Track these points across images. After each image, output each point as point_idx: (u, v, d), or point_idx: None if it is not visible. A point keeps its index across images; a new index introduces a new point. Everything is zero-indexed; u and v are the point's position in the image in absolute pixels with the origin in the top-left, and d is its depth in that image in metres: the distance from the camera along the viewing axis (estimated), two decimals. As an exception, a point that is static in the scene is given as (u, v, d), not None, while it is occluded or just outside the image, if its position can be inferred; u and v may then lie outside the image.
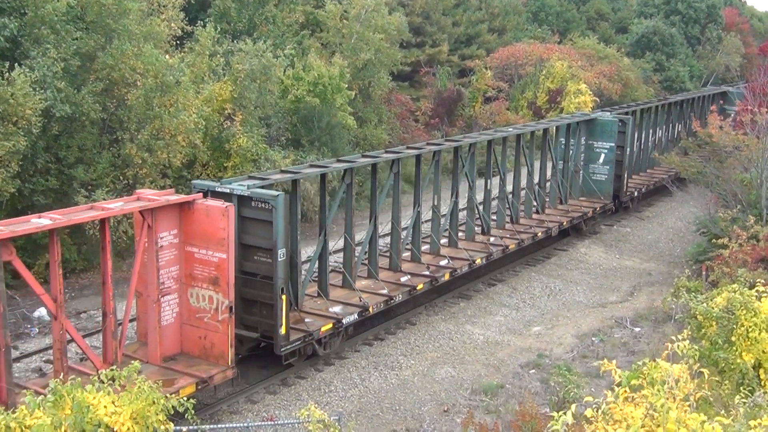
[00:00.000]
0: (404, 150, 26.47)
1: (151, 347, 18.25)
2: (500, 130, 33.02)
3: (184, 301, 18.58)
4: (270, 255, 19.35)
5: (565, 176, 35.13)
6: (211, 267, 18.03)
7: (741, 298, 14.94)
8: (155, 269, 17.90)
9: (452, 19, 59.72)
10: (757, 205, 29.11)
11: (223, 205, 17.94)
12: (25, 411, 10.50)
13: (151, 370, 17.44)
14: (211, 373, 17.82)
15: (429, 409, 19.72)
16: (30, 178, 26.02)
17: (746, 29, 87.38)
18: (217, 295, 18.04)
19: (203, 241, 18.00)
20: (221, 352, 18.19)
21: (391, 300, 23.18)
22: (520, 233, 30.14)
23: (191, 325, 18.58)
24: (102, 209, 16.85)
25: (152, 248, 17.76)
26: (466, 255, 26.95)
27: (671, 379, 10.28)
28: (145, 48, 27.38)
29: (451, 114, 52.06)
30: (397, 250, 25.52)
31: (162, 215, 17.83)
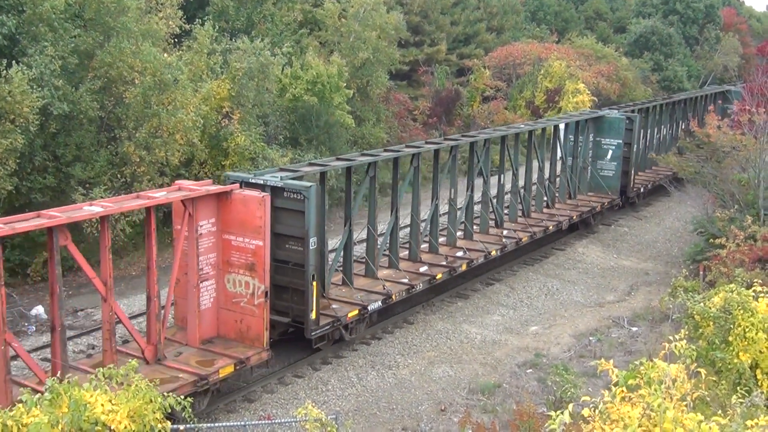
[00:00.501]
0: (424, 145, 27.61)
1: (191, 330, 19.29)
2: (513, 126, 34.65)
3: (221, 287, 19.57)
4: (301, 243, 20.30)
5: (574, 172, 36.01)
6: (247, 254, 19.02)
7: (738, 298, 14.93)
8: (195, 256, 18.89)
9: (450, 18, 59.69)
10: (754, 205, 29.13)
11: (260, 194, 18.97)
12: (22, 409, 10.48)
13: (191, 352, 18.80)
14: (248, 354, 18.80)
15: (426, 409, 19.72)
16: (27, 176, 26.00)
17: (744, 29, 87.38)
18: (254, 281, 19.04)
19: (240, 229, 19.00)
20: (257, 334, 19.21)
21: (412, 288, 24.17)
22: (532, 226, 31.12)
23: (228, 310, 19.58)
24: (148, 198, 17.89)
25: (192, 236, 18.80)
26: (481, 246, 27.94)
27: (668, 378, 10.28)
28: (144, 46, 27.36)
29: (449, 113, 52.05)
30: (416, 242, 26.46)
31: (202, 205, 18.86)
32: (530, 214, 32.64)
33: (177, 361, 18.37)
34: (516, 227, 30.95)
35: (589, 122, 36.39)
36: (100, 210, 16.74)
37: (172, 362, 18.31)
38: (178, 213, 19.00)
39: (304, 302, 20.41)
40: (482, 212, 30.15)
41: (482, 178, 29.53)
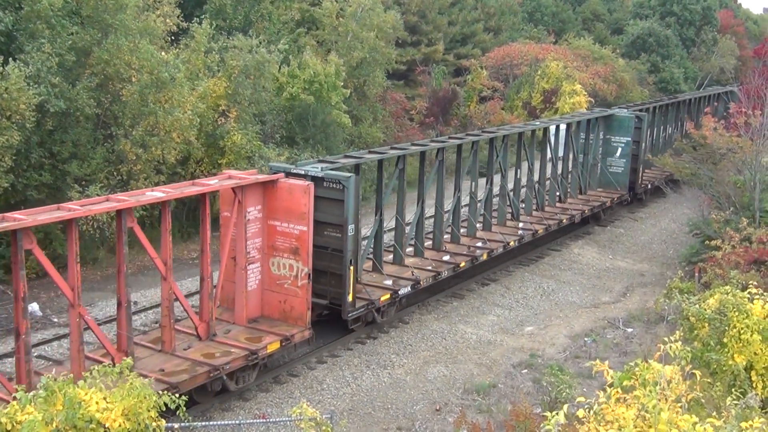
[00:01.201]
0: (448, 140, 28.72)
1: (238, 310, 20.63)
2: (529, 123, 36.31)
3: (266, 270, 20.92)
4: (339, 230, 21.66)
5: (585, 168, 37.31)
6: (292, 238, 20.38)
7: (733, 300, 14.98)
8: (243, 240, 20.19)
9: (448, 18, 59.68)
10: (750, 208, 29.19)
11: (305, 183, 20.34)
12: (16, 406, 10.47)
13: (239, 330, 20.18)
14: (292, 332, 20.19)
15: (421, 408, 19.72)
16: (23, 173, 25.95)
17: (741, 32, 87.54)
18: (297, 264, 20.41)
19: (285, 215, 20.35)
20: (300, 314, 20.61)
21: (438, 275, 25.47)
22: (547, 219, 32.52)
23: (272, 291, 20.94)
24: (203, 185, 19.22)
25: (241, 222, 20.07)
26: (500, 237, 29.39)
27: (663, 380, 10.30)
28: (141, 44, 27.33)
29: (446, 113, 52.04)
30: (440, 231, 27.90)
31: (250, 192, 20.16)
32: (544, 207, 34.02)
33: (227, 338, 19.70)
34: (531, 220, 32.48)
35: (600, 120, 37.60)
36: (162, 195, 17.98)
37: (223, 339, 19.61)
38: (227, 200, 20.29)
39: (341, 285, 21.75)
40: (500, 205, 31.63)
41: (500, 173, 30.92)
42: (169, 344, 18.63)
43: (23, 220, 15.30)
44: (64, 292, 16.47)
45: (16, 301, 15.72)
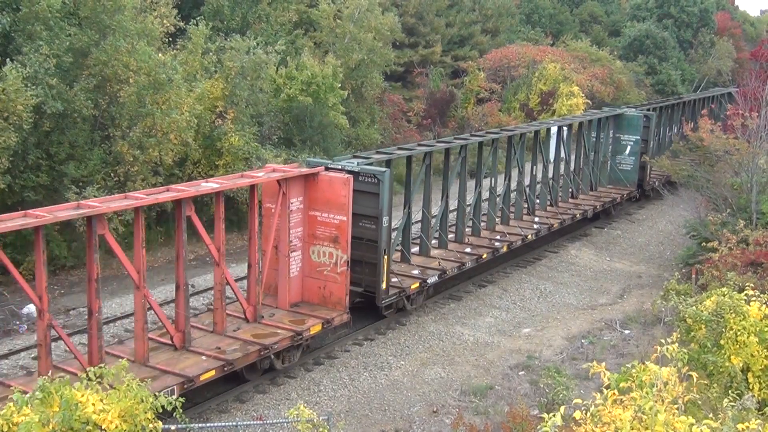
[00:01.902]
0: (470, 137, 30.24)
1: (281, 295, 22.03)
2: (544, 122, 37.14)
3: (306, 257, 22.29)
4: (374, 222, 22.89)
5: (596, 165, 38.73)
6: (332, 228, 21.77)
7: (730, 302, 15.00)
8: (287, 229, 21.56)
9: (445, 20, 59.70)
10: (746, 209, 29.21)
11: (345, 176, 21.64)
12: (12, 408, 10.45)
13: (282, 313, 21.58)
14: (332, 315, 21.52)
15: (418, 410, 19.72)
16: (20, 174, 25.92)
17: (738, 34, 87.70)
18: (337, 251, 21.80)
19: (325, 206, 21.74)
20: (339, 299, 21.99)
21: (462, 266, 26.84)
22: (561, 214, 34.03)
23: (312, 278, 22.32)
24: (252, 177, 20.74)
25: (285, 212, 21.44)
26: (519, 230, 30.76)
27: (660, 381, 10.31)
28: (139, 45, 27.31)
29: (443, 115, 52.05)
30: (462, 224, 29.31)
31: (293, 184, 21.45)
32: (558, 203, 35.45)
33: (273, 321, 21.07)
34: (546, 214, 33.71)
35: (610, 119, 38.99)
36: (217, 186, 19.39)
37: (269, 321, 21.00)
38: (271, 192, 21.75)
39: (375, 274, 23.04)
40: (517, 200, 32.96)
41: (518, 169, 32.36)
42: (220, 325, 20.02)
43: (98, 207, 16.73)
44: (131, 274, 17.66)
45: (89, 282, 16.90)
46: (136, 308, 18.08)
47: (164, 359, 18.35)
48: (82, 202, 17.50)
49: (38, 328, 16.36)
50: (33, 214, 16.08)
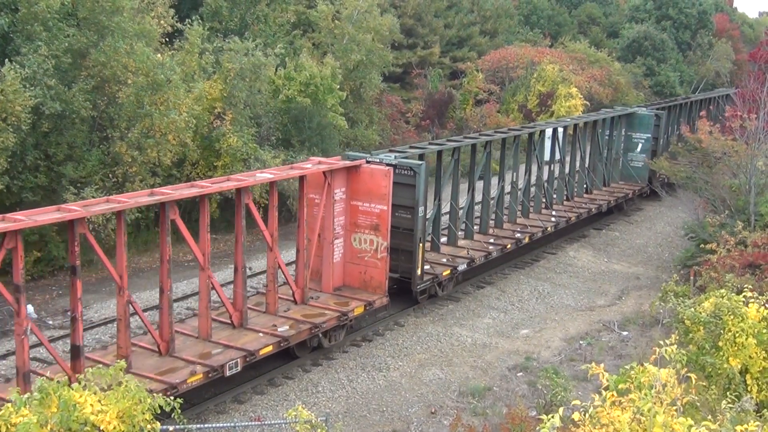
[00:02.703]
0: (494, 134, 31.95)
1: (325, 279, 23.63)
2: (561, 120, 39.03)
3: (348, 245, 23.85)
4: (410, 212, 24.55)
5: (609, 162, 40.26)
6: (373, 217, 23.30)
7: (728, 304, 14.97)
8: (331, 218, 23.06)
9: (444, 21, 59.70)
10: (745, 211, 29.21)
11: (386, 168, 23.15)
12: (11, 408, 10.44)
13: (327, 296, 23.25)
14: (373, 298, 23.14)
15: (416, 411, 19.72)
16: (19, 175, 25.90)
17: (737, 35, 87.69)
18: (377, 239, 23.33)
19: (367, 196, 23.30)
20: (379, 283, 23.59)
21: (489, 255, 28.42)
22: (577, 208, 35.57)
23: (353, 263, 23.90)
24: (301, 169, 22.31)
25: (330, 202, 22.91)
26: (539, 223, 32.41)
27: (658, 383, 10.31)
28: (138, 46, 27.29)
29: (441, 116, 52.04)
30: (487, 216, 30.98)
31: (337, 176, 23.00)
32: (573, 197, 37.16)
33: (319, 302, 22.68)
34: (563, 208, 35.21)
35: (622, 118, 40.63)
36: (271, 176, 21.17)
37: (316, 303, 22.59)
38: (316, 183, 22.88)
39: (411, 261, 24.68)
40: (536, 194, 34.25)
41: (537, 165, 33.85)
42: (273, 306, 21.70)
43: (171, 194, 18.34)
44: (197, 256, 19.44)
45: (162, 262, 18.59)
46: (200, 288, 19.82)
47: (225, 336, 20.10)
48: (155, 189, 19.51)
49: (118, 304, 17.88)
50: (115, 199, 17.92)
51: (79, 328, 17.10)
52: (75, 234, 16.66)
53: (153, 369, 17.95)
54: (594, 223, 37.71)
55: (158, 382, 17.19)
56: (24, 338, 15.82)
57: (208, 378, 18.18)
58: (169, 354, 18.73)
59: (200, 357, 18.77)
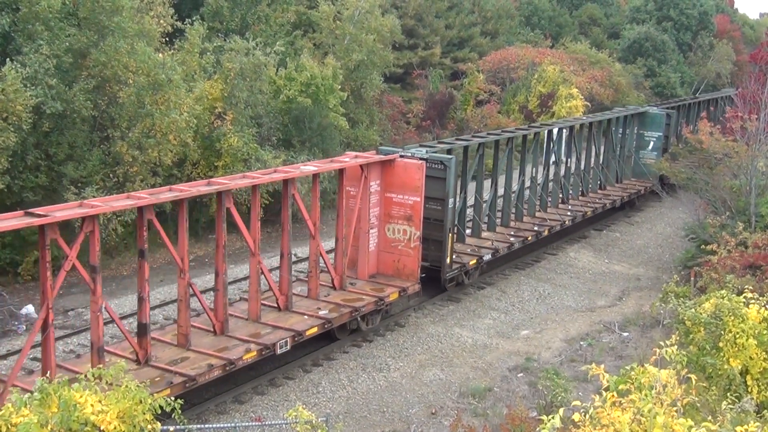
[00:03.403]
0: (516, 130, 33.24)
1: (361, 267, 24.77)
2: (578, 118, 41.12)
3: (382, 234, 25.05)
4: (441, 204, 25.54)
5: (622, 159, 41.38)
6: (406, 208, 24.50)
7: (729, 304, 14.97)
8: (367, 209, 24.16)
9: (445, 21, 59.69)
10: (745, 212, 29.21)
11: (419, 161, 24.44)
12: (11, 408, 10.43)
13: (363, 283, 24.42)
14: (406, 285, 24.31)
15: (417, 412, 19.72)
16: (19, 175, 25.92)
17: (737, 37, 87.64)
18: (411, 229, 24.54)
19: (401, 188, 24.49)
20: (412, 270, 24.73)
21: (511, 246, 29.78)
22: (592, 203, 36.98)
23: (386, 252, 25.06)
24: (340, 162, 23.51)
25: (366, 194, 24.06)
26: (557, 216, 33.76)
27: (659, 384, 10.31)
28: (139, 46, 27.29)
29: (442, 116, 52.05)
30: (509, 209, 32.31)
31: (372, 169, 24.16)
32: (588, 193, 38.41)
33: (356, 288, 23.86)
34: (579, 203, 36.70)
35: (635, 117, 41.93)
36: (314, 169, 22.40)
37: (353, 289, 23.81)
38: (353, 176, 23.98)
39: (441, 250, 25.74)
40: (554, 189, 35.43)
41: (555, 161, 35.02)
42: (314, 291, 22.99)
43: (227, 184, 19.64)
44: (248, 242, 20.66)
45: (218, 248, 19.84)
46: (251, 272, 21.05)
47: (272, 318, 21.31)
48: (212, 179, 20.82)
49: (179, 286, 19.16)
50: (177, 188, 19.19)
51: (146, 307, 18.22)
52: (144, 219, 17.91)
53: (211, 347, 19.30)
54: (597, 222, 37.90)
55: (217, 358, 18.58)
56: (99, 315, 17.00)
57: (261, 355, 19.45)
58: (223, 333, 20.07)
59: (251, 336, 20.02)
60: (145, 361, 18.16)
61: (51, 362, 16.39)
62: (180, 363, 18.28)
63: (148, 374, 17.45)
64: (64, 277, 16.99)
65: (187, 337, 19.18)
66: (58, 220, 16.16)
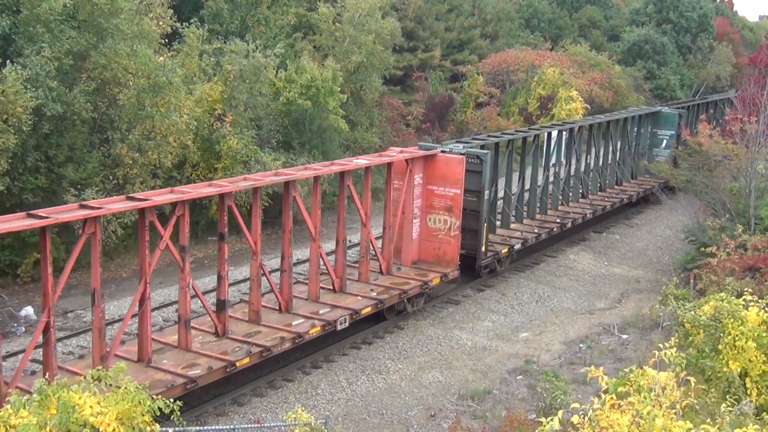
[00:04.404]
0: (542, 128, 35.76)
1: (404, 254, 26.66)
2: (597, 117, 42.37)
3: (424, 224, 26.84)
4: (477, 196, 27.38)
5: (636, 157, 43.16)
6: (447, 199, 26.33)
7: (728, 307, 14.97)
8: (411, 200, 26.13)
9: (445, 24, 59.68)
10: (745, 215, 29.22)
11: (460, 156, 26.22)
12: (10, 410, 10.43)
13: (407, 269, 26.25)
14: (447, 271, 26.12)
15: (416, 414, 19.71)
16: (19, 176, 25.92)
17: (737, 39, 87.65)
18: (451, 218, 26.33)
19: (442, 181, 26.31)
20: (452, 258, 26.54)
21: (539, 236, 31.63)
22: (610, 198, 38.77)
23: (427, 241, 26.89)
24: (389, 156, 25.65)
25: (410, 186, 26.00)
26: (579, 210, 35.67)
27: (658, 386, 10.31)
28: (138, 48, 27.30)
29: (442, 119, 52.04)
30: (535, 203, 34.08)
31: (416, 163, 26.04)
32: (606, 188, 40.17)
33: (401, 273, 25.79)
34: (598, 198, 38.60)
35: (649, 116, 43.84)
36: (366, 162, 24.46)
37: (399, 274, 25.74)
38: (398, 170, 25.78)
39: (477, 239, 27.70)
40: (575, 184, 37.48)
41: (575, 158, 37.04)
42: (365, 275, 24.75)
43: (294, 174, 21.65)
44: (309, 228, 22.53)
45: (284, 233, 21.77)
46: (311, 256, 22.98)
47: (330, 298, 23.19)
48: (279, 170, 23.22)
49: (252, 267, 21.12)
50: (252, 178, 21.31)
51: (225, 285, 20.18)
52: (224, 205, 19.91)
53: (278, 322, 21.23)
54: (596, 224, 37.92)
55: (287, 331, 20.57)
56: (187, 291, 19.07)
57: (324, 330, 21.42)
58: (288, 311, 21.98)
59: (313, 314, 21.92)
60: (224, 333, 20.25)
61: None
62: (254, 336, 20.33)
63: (228, 345, 19.71)
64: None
65: (258, 314, 21.23)
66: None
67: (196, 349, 19.23)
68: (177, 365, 18.33)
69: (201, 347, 19.44)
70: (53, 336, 16.58)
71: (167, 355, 18.90)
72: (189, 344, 19.27)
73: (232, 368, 18.65)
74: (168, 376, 17.75)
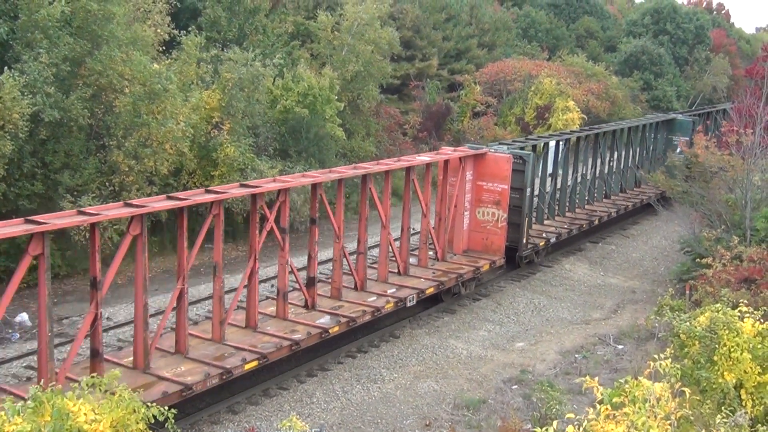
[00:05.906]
0: (572, 133, 38.25)
1: (456, 243, 29.41)
2: (619, 123, 44.79)
3: (473, 216, 29.76)
4: (519, 192, 29.98)
5: (654, 160, 45.21)
6: (495, 194, 29.23)
7: (724, 318, 14.96)
8: (463, 194, 29.00)
9: (442, 33, 59.81)
10: (741, 226, 29.26)
11: (507, 155, 29.25)
12: (3, 417, 10.40)
13: (458, 257, 29.03)
14: (494, 259, 28.95)
15: (411, 423, 19.68)
16: (16, 183, 25.87)
17: (733, 51, 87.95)
18: (498, 211, 29.26)
19: (491, 178, 29.24)
20: (498, 247, 29.45)
21: (570, 231, 34.52)
22: (632, 198, 41.84)
23: (476, 232, 29.79)
24: (445, 154, 28.62)
25: (463, 182, 28.88)
26: (605, 209, 38.53)
27: (653, 397, 10.31)
28: (134, 55, 27.29)
29: (439, 128, 52.11)
30: (565, 201, 36.75)
31: (468, 161, 28.92)
32: (626, 190, 43.08)
33: (455, 260, 28.56)
34: (620, 198, 41.67)
35: (665, 123, 46.71)
36: (428, 159, 27.75)
37: (452, 260, 28.52)
38: (452, 168, 28.33)
39: (519, 232, 30.40)
40: (599, 185, 40.22)
41: (600, 160, 39.48)
42: (424, 261, 27.67)
43: (370, 168, 24.73)
44: (381, 217, 25.33)
45: (360, 220, 24.87)
46: (381, 242, 25.99)
47: (396, 280, 26.03)
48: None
49: (335, 249, 24.11)
50: (336, 171, 24.13)
51: (314, 264, 23.04)
52: (316, 193, 22.86)
53: (355, 299, 24.06)
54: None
55: (365, 306, 23.36)
56: (285, 267, 21.90)
57: (397, 306, 24.14)
58: (363, 290, 24.77)
59: (383, 292, 24.71)
60: (312, 306, 23.09)
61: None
62: (339, 309, 23.09)
63: (317, 316, 22.53)
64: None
65: (340, 291, 24.12)
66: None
67: (292, 318, 22.18)
68: (279, 331, 21.19)
69: (295, 317, 22.27)
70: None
71: (269, 322, 21.83)
72: (286, 314, 22.28)
73: (326, 334, 21.50)
74: (274, 339, 20.66)
